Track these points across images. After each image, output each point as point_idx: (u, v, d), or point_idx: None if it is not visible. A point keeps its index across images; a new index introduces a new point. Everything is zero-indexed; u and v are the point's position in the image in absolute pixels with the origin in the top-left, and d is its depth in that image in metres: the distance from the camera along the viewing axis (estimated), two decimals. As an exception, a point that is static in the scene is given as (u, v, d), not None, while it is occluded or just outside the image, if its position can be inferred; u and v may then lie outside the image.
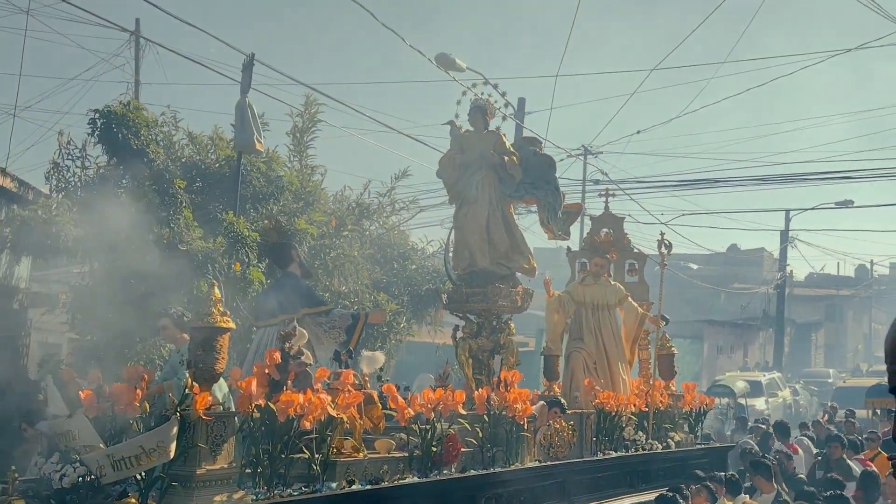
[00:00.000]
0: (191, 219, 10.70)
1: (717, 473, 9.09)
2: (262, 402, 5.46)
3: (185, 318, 6.64)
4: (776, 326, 38.04)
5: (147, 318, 8.46)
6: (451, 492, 6.72)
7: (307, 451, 5.69)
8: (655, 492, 8.43)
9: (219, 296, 5.41)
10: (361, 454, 6.24)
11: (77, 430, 5.35)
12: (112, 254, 9.94)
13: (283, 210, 12.30)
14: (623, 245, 11.71)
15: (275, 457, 5.50)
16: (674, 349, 11.44)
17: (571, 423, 8.70)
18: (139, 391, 5.35)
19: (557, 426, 8.43)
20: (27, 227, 10.32)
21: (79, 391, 5.57)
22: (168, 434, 4.95)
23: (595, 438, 9.13)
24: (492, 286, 8.91)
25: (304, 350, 6.30)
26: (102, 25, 17.01)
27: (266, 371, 5.73)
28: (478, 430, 7.22)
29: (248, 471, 5.51)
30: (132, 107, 11.78)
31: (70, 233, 10.25)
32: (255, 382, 5.47)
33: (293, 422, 5.51)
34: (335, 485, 5.80)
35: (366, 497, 5.94)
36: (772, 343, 38.98)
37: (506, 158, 9.07)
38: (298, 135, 14.03)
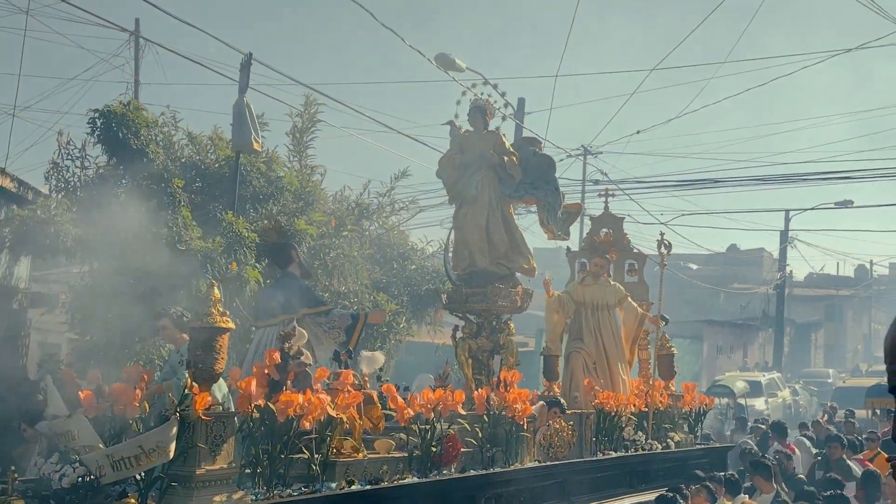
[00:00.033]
0: (189, 218, 10.70)
1: (717, 473, 9.09)
2: (262, 403, 5.46)
3: (185, 319, 6.64)
4: (776, 326, 38.05)
5: (147, 319, 8.45)
6: (451, 492, 6.72)
7: (307, 452, 5.69)
8: (655, 492, 8.43)
9: (218, 296, 5.41)
10: (361, 454, 6.24)
11: (76, 431, 5.34)
12: (111, 254, 9.93)
13: (283, 210, 12.29)
14: (623, 245, 11.70)
15: (274, 457, 5.50)
16: (673, 349, 11.43)
17: (571, 424, 8.70)
18: (139, 391, 5.35)
19: (557, 426, 8.43)
20: (26, 227, 10.31)
21: (78, 391, 5.56)
22: (167, 434, 4.95)
23: (595, 438, 9.13)
24: (491, 286, 8.91)
25: (304, 350, 6.30)
26: (102, 25, 17.01)
27: (266, 371, 5.73)
28: (477, 431, 7.21)
29: (248, 471, 5.51)
30: (132, 107, 11.78)
31: (69, 233, 10.25)
32: (255, 383, 5.47)
33: (293, 422, 5.51)
34: (335, 485, 5.80)
35: (365, 497, 5.94)
36: (771, 343, 38.99)
37: (505, 158, 9.06)
38: (298, 135, 14.02)
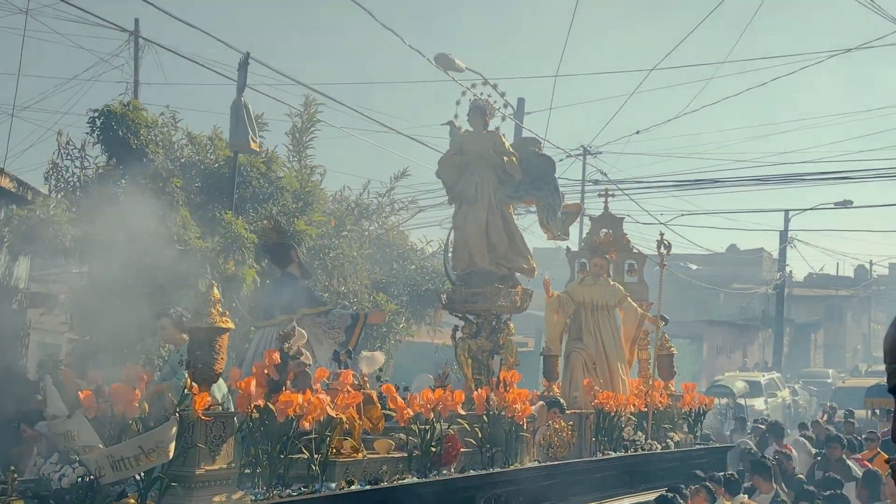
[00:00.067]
0: (188, 217, 10.70)
1: (716, 474, 9.09)
2: (262, 403, 5.46)
3: (185, 319, 6.63)
4: (775, 327, 38.07)
5: (146, 319, 8.45)
6: (451, 492, 6.71)
7: (306, 452, 5.69)
8: (655, 492, 8.43)
9: (217, 296, 5.40)
10: (361, 454, 6.24)
11: (76, 431, 5.33)
12: (111, 254, 9.93)
13: (283, 210, 12.29)
14: (622, 245, 11.70)
15: (274, 457, 5.49)
16: (673, 349, 11.43)
17: (571, 424, 8.70)
18: (138, 392, 5.34)
19: (557, 426, 8.43)
20: (26, 227, 10.31)
21: (78, 391, 5.55)
22: (167, 434, 4.95)
23: (594, 439, 9.13)
24: (491, 286, 8.90)
25: (304, 350, 6.30)
26: (102, 25, 16.99)
27: (265, 371, 5.73)
28: (477, 431, 7.21)
29: (248, 471, 5.51)
30: (132, 107, 11.77)
31: (68, 233, 10.25)
32: (255, 383, 5.47)
33: (292, 422, 5.51)
34: (334, 485, 5.80)
35: (365, 497, 5.94)
36: (771, 343, 39.02)
37: (505, 159, 9.06)
38: (297, 135, 14.03)
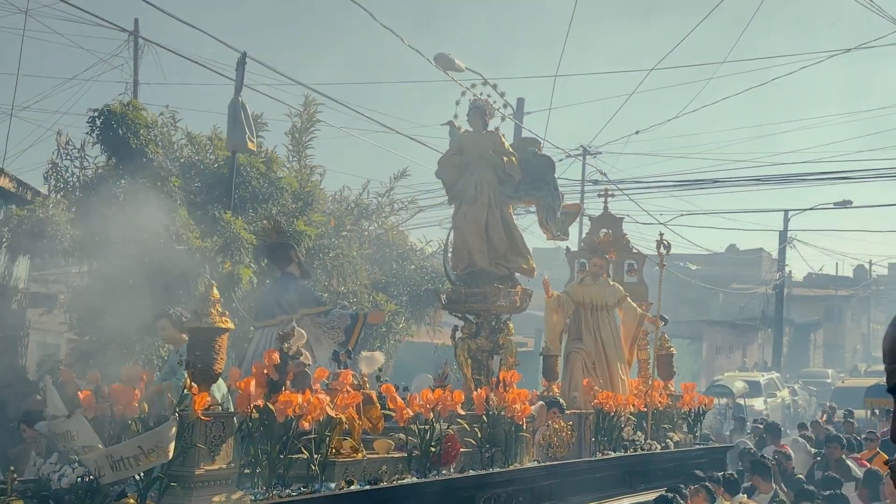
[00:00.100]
0: (185, 217, 10.69)
1: (716, 473, 9.09)
2: (261, 403, 5.46)
3: (184, 319, 6.63)
4: (775, 327, 38.07)
5: (146, 319, 8.45)
6: (450, 492, 6.71)
7: (306, 452, 5.69)
8: (654, 492, 8.43)
9: (217, 296, 5.40)
10: (360, 454, 6.24)
11: (76, 431, 5.33)
12: (110, 254, 9.93)
13: (282, 210, 12.29)
14: (622, 245, 11.71)
15: (273, 457, 5.49)
16: (673, 349, 11.44)
17: (570, 424, 8.69)
18: (138, 392, 5.35)
19: (556, 426, 8.43)
20: (25, 227, 10.30)
21: (77, 391, 5.55)
22: (167, 434, 4.95)
23: (594, 439, 9.13)
24: (491, 286, 8.90)
25: (303, 350, 6.30)
26: (101, 25, 16.98)
27: (265, 371, 5.73)
28: (476, 431, 7.21)
29: (247, 471, 5.50)
30: (131, 107, 11.77)
31: (68, 233, 10.24)
32: (254, 383, 5.46)
33: (292, 422, 5.51)
34: (334, 485, 5.80)
35: (365, 497, 5.94)
36: (770, 343, 39.02)
37: (505, 159, 9.06)
38: (297, 135, 14.03)
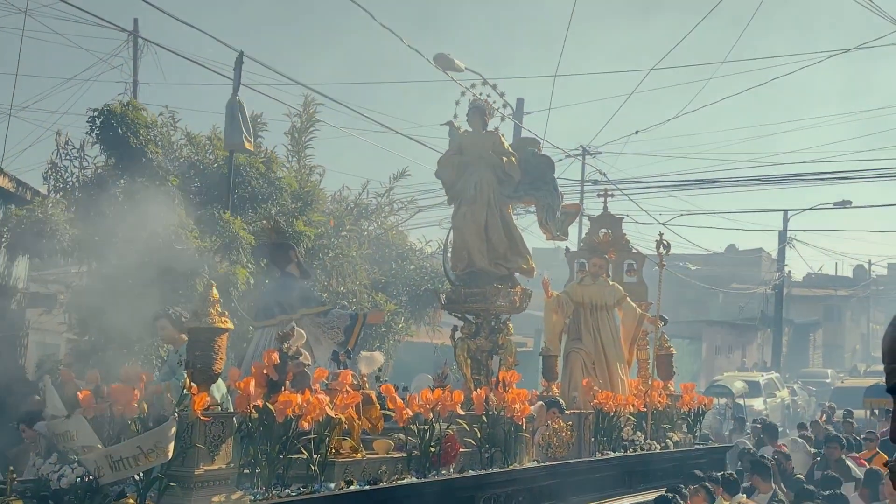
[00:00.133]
0: (184, 217, 10.69)
1: (715, 473, 9.09)
2: (261, 403, 5.46)
3: (183, 319, 6.63)
4: (774, 327, 38.08)
5: (145, 319, 8.45)
6: (450, 492, 6.71)
7: (305, 452, 5.69)
8: (654, 492, 8.43)
9: (216, 296, 5.40)
10: (360, 455, 6.23)
11: (75, 431, 5.33)
12: (109, 254, 9.92)
13: (282, 211, 12.29)
14: (621, 245, 11.71)
15: (273, 457, 5.49)
16: (672, 349, 11.43)
17: (570, 424, 8.69)
18: (137, 392, 5.35)
19: (556, 426, 8.42)
20: (24, 227, 10.30)
21: (77, 392, 5.55)
22: (166, 434, 4.95)
23: (593, 439, 9.13)
24: (490, 286, 8.90)
25: (303, 350, 6.29)
26: (101, 25, 16.98)
27: (264, 371, 5.73)
28: (476, 431, 7.21)
29: (247, 471, 5.50)
30: (131, 107, 11.77)
31: (67, 232, 10.24)
32: (254, 383, 5.46)
33: (291, 422, 5.50)
34: (333, 485, 5.80)
35: (364, 497, 5.94)
36: (770, 343, 39.02)
37: (504, 159, 9.06)
38: (297, 135, 14.03)
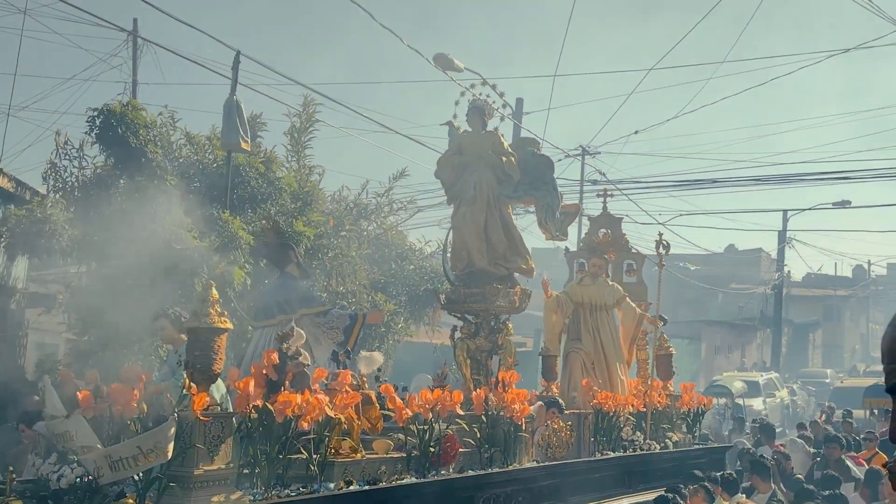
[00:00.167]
0: (183, 216, 10.68)
1: (715, 473, 9.09)
2: (260, 403, 5.45)
3: (183, 319, 6.63)
4: (774, 327, 38.08)
5: (144, 319, 8.45)
6: (449, 492, 6.71)
7: (305, 452, 5.68)
8: (653, 492, 8.43)
9: (216, 296, 5.40)
10: (359, 455, 6.23)
11: (74, 431, 5.32)
12: (109, 254, 9.91)
13: (281, 211, 12.29)
14: (621, 245, 11.71)
15: (272, 457, 5.49)
16: (672, 349, 11.44)
17: (569, 424, 8.69)
18: (137, 392, 5.34)
19: (555, 426, 8.42)
20: (24, 227, 10.29)
21: (76, 392, 5.55)
22: (166, 435, 4.94)
23: (593, 439, 9.13)
24: (490, 287, 8.90)
25: (302, 350, 6.29)
26: (100, 25, 16.95)
27: (264, 371, 5.73)
28: (476, 431, 7.21)
29: (246, 471, 5.50)
30: (130, 106, 11.76)
31: (66, 232, 10.24)
32: (253, 383, 5.46)
33: (291, 422, 5.50)
34: (333, 485, 5.79)
35: (364, 497, 5.94)
36: (769, 343, 39.03)
37: (504, 159, 9.06)
38: (296, 135, 14.03)
